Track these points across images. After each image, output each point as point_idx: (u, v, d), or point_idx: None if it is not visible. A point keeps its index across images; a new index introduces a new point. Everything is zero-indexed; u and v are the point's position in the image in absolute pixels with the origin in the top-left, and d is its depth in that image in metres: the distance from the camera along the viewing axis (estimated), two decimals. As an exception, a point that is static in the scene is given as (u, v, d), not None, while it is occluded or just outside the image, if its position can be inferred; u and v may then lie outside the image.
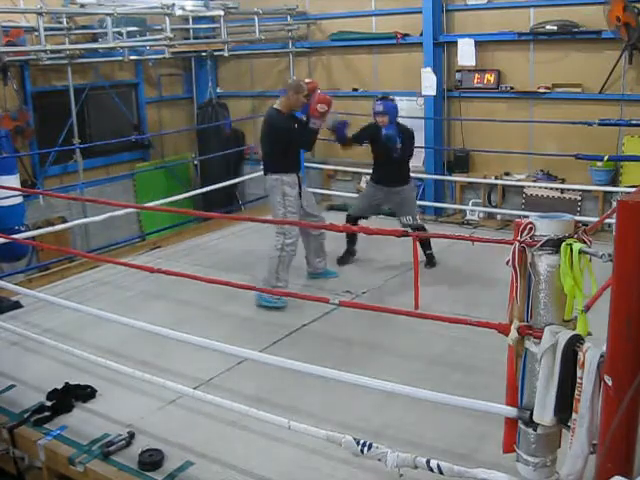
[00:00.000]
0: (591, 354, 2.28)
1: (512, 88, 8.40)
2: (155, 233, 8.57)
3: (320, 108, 5.64)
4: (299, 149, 6.12)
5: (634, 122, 7.48)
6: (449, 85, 8.89)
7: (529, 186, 8.31)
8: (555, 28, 7.89)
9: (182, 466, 3.50)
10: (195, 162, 10.76)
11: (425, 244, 6.38)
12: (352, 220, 6.50)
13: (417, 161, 9.21)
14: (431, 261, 6.46)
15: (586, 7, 7.66)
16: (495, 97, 8.53)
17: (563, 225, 2.41)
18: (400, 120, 6.33)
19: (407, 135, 6.22)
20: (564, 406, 2.38)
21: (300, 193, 5.86)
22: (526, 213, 6.94)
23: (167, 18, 8.82)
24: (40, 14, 7.77)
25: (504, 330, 2.57)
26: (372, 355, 4.70)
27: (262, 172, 5.98)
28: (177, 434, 3.77)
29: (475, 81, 8.65)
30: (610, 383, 2.13)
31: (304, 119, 5.79)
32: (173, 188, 9.81)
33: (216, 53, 10.53)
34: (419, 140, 8.91)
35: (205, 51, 10.68)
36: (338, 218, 6.57)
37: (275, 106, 5.80)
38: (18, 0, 8.78)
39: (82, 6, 8.84)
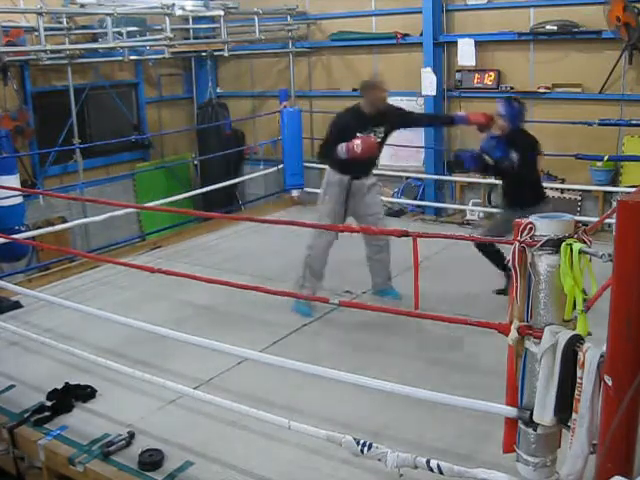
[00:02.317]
0: (591, 354, 2.28)
1: (512, 88, 8.39)
2: (155, 233, 8.56)
3: (356, 147, 5.03)
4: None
5: (634, 122, 7.48)
6: (449, 85, 8.89)
7: (529, 186, 8.30)
8: (555, 28, 7.89)
9: (182, 466, 3.50)
10: (195, 162, 10.76)
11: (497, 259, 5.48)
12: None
13: (417, 161, 9.25)
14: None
15: (586, 7, 7.66)
16: (495, 97, 8.50)
17: (563, 225, 2.42)
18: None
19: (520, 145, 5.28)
20: (564, 406, 2.38)
21: (347, 201, 5.42)
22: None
23: (167, 18, 8.82)
24: (40, 14, 7.77)
25: (504, 330, 2.58)
26: (372, 355, 4.69)
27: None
28: (177, 434, 3.77)
29: (475, 81, 8.65)
30: (610, 383, 2.13)
31: None
32: (173, 188, 9.81)
33: (216, 53, 10.53)
34: (419, 140, 8.96)
35: (205, 51, 10.67)
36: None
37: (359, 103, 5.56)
38: (18, 0, 8.78)
39: (82, 6, 8.83)
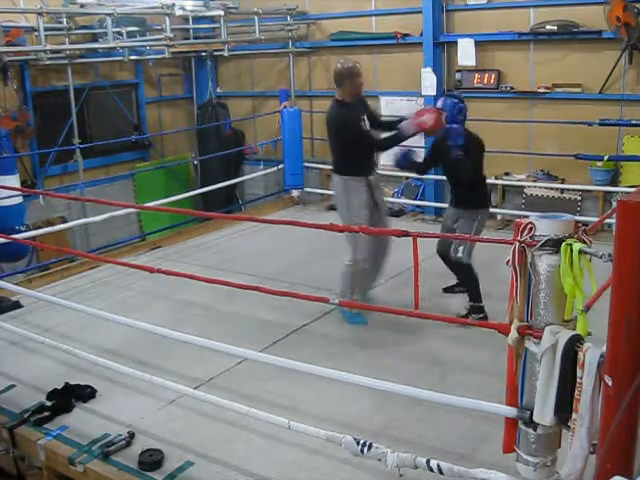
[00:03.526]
0: (591, 354, 2.28)
1: (512, 88, 8.40)
2: (155, 233, 8.57)
3: (428, 121, 4.93)
4: (371, 149, 5.24)
5: (634, 122, 7.48)
6: (449, 85, 8.89)
7: (529, 186, 8.31)
8: (555, 28, 7.89)
9: (182, 466, 3.50)
10: (195, 162, 10.76)
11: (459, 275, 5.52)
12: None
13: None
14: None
15: (586, 7, 7.66)
16: (495, 97, 8.52)
17: (563, 225, 2.42)
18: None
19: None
20: (564, 406, 2.38)
21: (374, 199, 5.23)
22: (526, 213, 6.93)
23: (167, 18, 8.82)
24: (40, 14, 7.77)
25: (504, 330, 2.57)
26: (372, 355, 4.69)
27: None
28: (177, 434, 3.77)
29: (475, 81, 8.65)
30: (610, 383, 2.13)
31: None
32: (173, 188, 9.81)
33: (216, 53, 10.53)
34: (418, 140, 8.93)
35: (205, 51, 10.68)
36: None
37: (336, 97, 5.15)
38: (18, 0, 8.78)
39: (82, 6, 8.83)
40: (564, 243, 2.35)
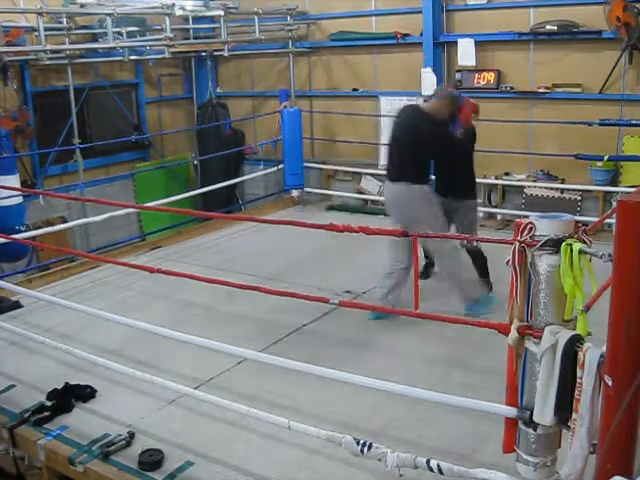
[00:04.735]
0: (591, 354, 2.28)
1: (512, 88, 8.40)
2: (155, 233, 8.57)
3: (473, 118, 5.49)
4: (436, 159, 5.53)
5: (634, 122, 7.48)
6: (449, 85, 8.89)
7: (529, 186, 8.31)
8: (555, 28, 7.90)
9: (182, 466, 3.50)
10: (195, 162, 10.76)
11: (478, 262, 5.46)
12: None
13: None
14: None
15: (586, 7, 7.67)
16: (495, 97, 8.52)
17: (563, 225, 2.42)
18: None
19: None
20: (564, 406, 2.38)
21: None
22: (526, 213, 6.93)
23: (167, 18, 8.82)
24: (40, 14, 7.77)
25: (504, 330, 2.58)
26: (372, 355, 4.70)
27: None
28: (177, 434, 3.77)
29: (475, 81, 8.65)
30: (610, 383, 2.13)
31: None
32: (173, 188, 9.81)
33: (216, 53, 10.54)
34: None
35: (205, 51, 10.68)
36: (339, 218, 6.56)
37: (421, 106, 5.31)
38: (18, 0, 8.78)
39: (82, 6, 8.83)
40: (564, 243, 2.35)
